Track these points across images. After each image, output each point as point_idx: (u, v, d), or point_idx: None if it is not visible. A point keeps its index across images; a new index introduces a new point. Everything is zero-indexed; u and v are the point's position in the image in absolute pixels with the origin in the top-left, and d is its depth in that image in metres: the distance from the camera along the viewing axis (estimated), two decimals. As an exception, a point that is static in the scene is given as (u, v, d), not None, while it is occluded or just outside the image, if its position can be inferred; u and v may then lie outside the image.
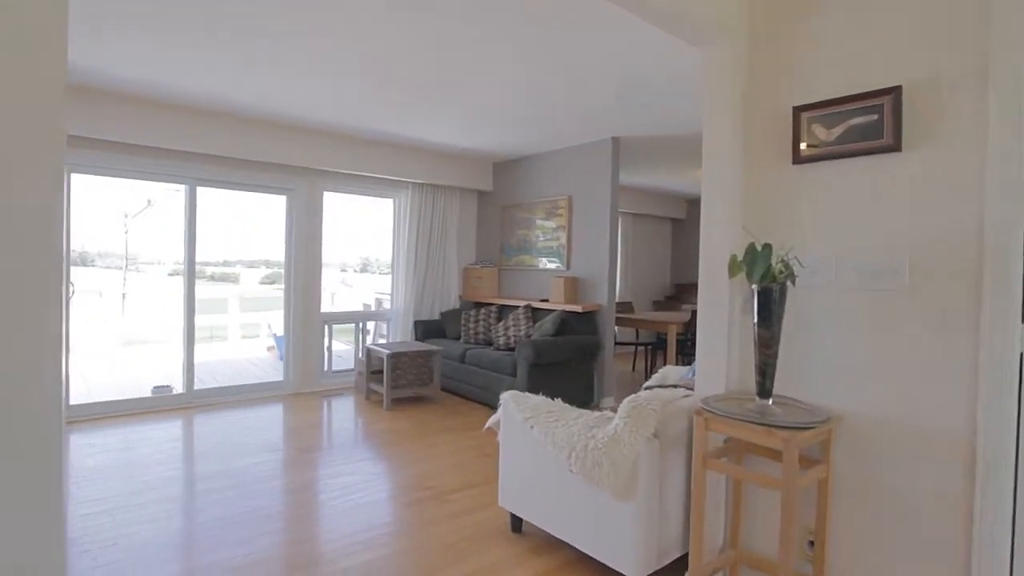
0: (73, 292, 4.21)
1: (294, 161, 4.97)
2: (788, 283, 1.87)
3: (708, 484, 2.08)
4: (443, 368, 5.35)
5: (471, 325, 5.66)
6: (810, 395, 2.02)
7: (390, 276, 6.03)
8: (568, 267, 5.43)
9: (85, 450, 3.66)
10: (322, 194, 5.37)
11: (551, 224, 5.60)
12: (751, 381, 2.04)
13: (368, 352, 5.12)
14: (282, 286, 5.41)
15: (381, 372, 5.07)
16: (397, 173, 5.58)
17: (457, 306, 6.25)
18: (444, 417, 4.65)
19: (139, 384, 5.45)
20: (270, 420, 4.48)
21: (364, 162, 5.35)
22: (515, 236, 6.04)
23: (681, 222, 9.05)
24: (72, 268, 4.22)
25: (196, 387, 4.83)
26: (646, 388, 2.60)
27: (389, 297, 6.07)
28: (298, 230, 5.26)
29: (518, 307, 5.47)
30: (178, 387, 4.81)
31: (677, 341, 5.60)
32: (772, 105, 2.12)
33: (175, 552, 2.42)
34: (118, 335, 7.04)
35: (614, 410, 2.41)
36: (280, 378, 5.34)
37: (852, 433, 1.91)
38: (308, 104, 4.23)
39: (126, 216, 6.49)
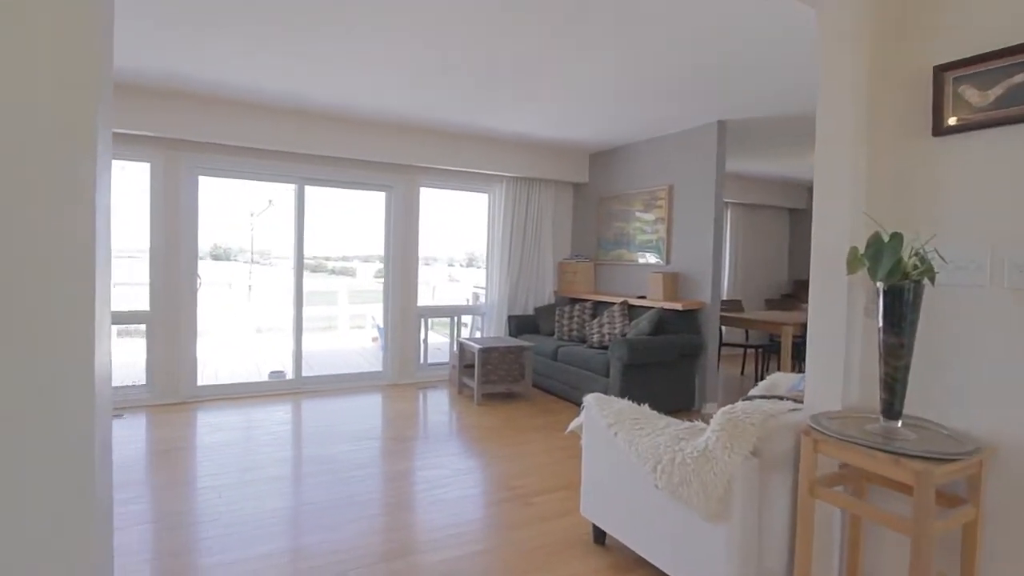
0: (200, 285, 4.65)
1: (391, 158, 5.12)
2: (924, 281, 1.54)
3: (817, 517, 1.79)
4: (535, 365, 5.26)
5: (565, 321, 5.52)
6: (952, 418, 1.66)
7: (484, 270, 6.05)
8: (668, 262, 5.10)
9: (206, 428, 4.02)
10: (419, 190, 5.50)
11: (650, 216, 5.30)
12: (874, 397, 1.72)
13: (460, 346, 5.17)
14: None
15: (473, 366, 5.09)
16: (492, 167, 5.57)
17: (551, 302, 6.13)
18: (534, 415, 4.56)
19: (259, 369, 5.94)
20: (368, 409, 4.66)
21: (459, 157, 5.39)
22: (612, 229, 5.80)
23: (800, 212, 8.23)
24: (201, 263, 4.67)
25: (304, 374, 5.15)
26: (745, 399, 2.32)
27: (484, 291, 6.09)
28: (396, 225, 5.43)
29: (614, 304, 5.24)
30: (290, 373, 5.16)
31: (793, 344, 5.06)
32: (905, 67, 1.76)
33: (270, 532, 2.54)
34: (244, 323, 7.77)
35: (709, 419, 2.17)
36: (380, 368, 5.55)
37: (1011, 468, 1.54)
38: (404, 102, 4.31)
39: (251, 215, 7.12)
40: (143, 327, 4.50)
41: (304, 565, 2.29)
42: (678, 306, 4.66)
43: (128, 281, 4.94)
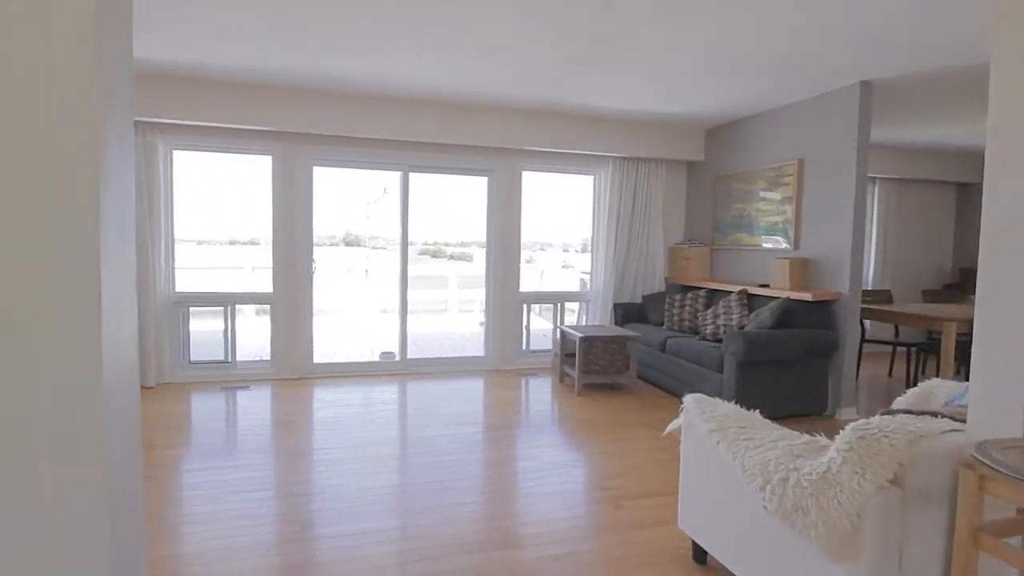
0: (315, 269, 4.93)
1: (493, 142, 5.04)
2: None
3: (982, 572, 1.39)
4: (641, 356, 4.95)
5: (675, 311, 5.13)
6: None
7: (578, 256, 5.80)
8: (796, 246, 4.52)
9: (318, 404, 4.26)
10: (520, 174, 5.37)
11: (775, 195, 4.72)
12: (1074, 425, 1.29)
13: (562, 334, 5.00)
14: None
15: (574, 355, 4.91)
16: (597, 148, 5.29)
17: (661, 289, 5.74)
18: (637, 409, 4.28)
19: (373, 349, 6.24)
20: (468, 393, 4.66)
21: (562, 138, 5.17)
22: (731, 211, 5.26)
23: (970, 188, 6.95)
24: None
25: (414, 355, 5.29)
26: (886, 413, 1.90)
27: (590, 277, 5.86)
28: (497, 210, 5.35)
29: (731, 292, 4.76)
30: (397, 355, 5.33)
31: (957, 344, 4.24)
32: None
33: (368, 510, 2.58)
34: (362, 306, 8.22)
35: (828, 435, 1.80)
36: (482, 353, 5.56)
37: None
38: (505, 82, 4.19)
39: (367, 203, 7.49)
40: (268, 308, 4.87)
41: (394, 548, 2.28)
42: (807, 296, 4.10)
43: (259, 266, 5.37)
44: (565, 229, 6.71)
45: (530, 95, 4.54)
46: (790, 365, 4.01)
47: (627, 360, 4.70)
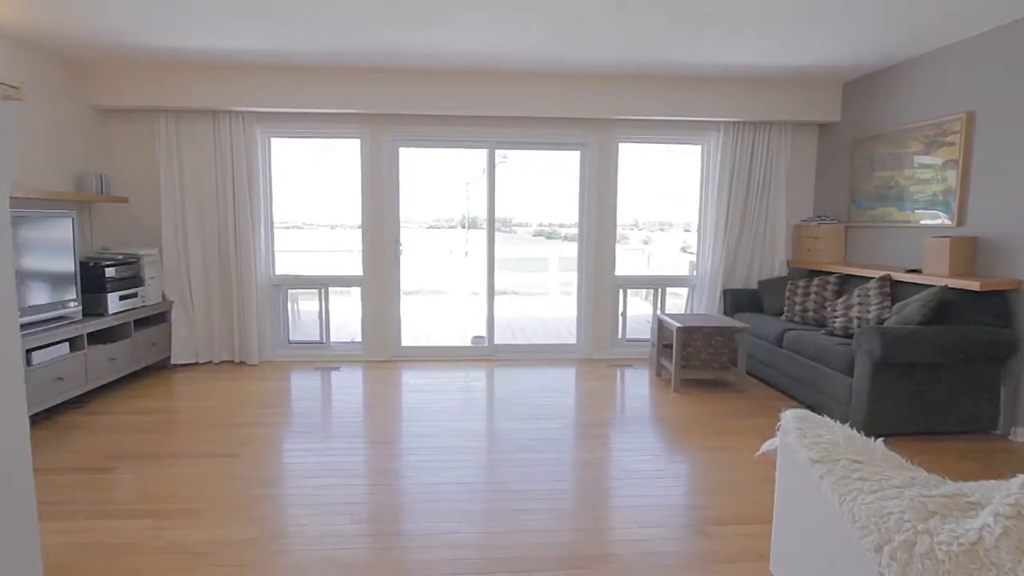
0: (401, 251, 4.90)
1: (587, 113, 4.63)
2: None
3: None
4: (753, 349, 4.32)
5: (798, 299, 4.41)
6: None
7: (695, 236, 5.20)
8: (960, 222, 3.62)
9: (401, 388, 4.23)
10: (617, 146, 4.90)
11: (934, 160, 3.82)
12: None
13: (659, 323, 4.52)
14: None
15: (672, 346, 4.42)
16: (706, 112, 4.66)
17: (782, 274, 4.99)
18: (743, 413, 3.72)
19: (465, 332, 6.17)
20: (556, 383, 4.38)
21: (665, 103, 4.62)
22: (873, 180, 4.38)
23: None
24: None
25: (505, 340, 5.12)
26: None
27: (695, 260, 5.26)
28: (591, 187, 4.95)
29: (870, 279, 3.96)
30: (485, 340, 5.18)
31: None
32: None
33: (422, 508, 2.42)
34: (458, 288, 8.20)
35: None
36: (573, 341, 5.23)
37: None
38: (596, 45, 3.77)
39: (467, 184, 7.42)
40: (359, 290, 4.95)
41: (443, 555, 2.09)
42: (973, 285, 3.25)
43: (352, 249, 5.49)
44: (668, 207, 6.11)
45: (626, 57, 4.06)
46: (945, 370, 3.22)
47: (733, 354, 4.12)
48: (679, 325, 4.07)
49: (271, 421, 3.48)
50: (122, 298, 3.93)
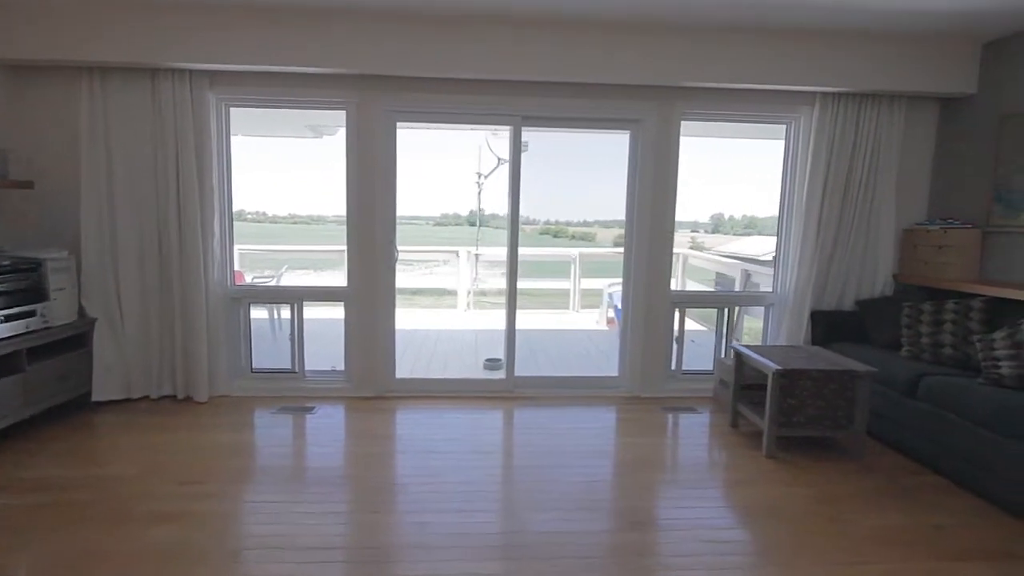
0: (397, 257, 3.80)
1: (641, 79, 3.52)
2: None
3: None
4: (873, 400, 3.20)
5: (924, 328, 3.30)
6: None
7: (774, 241, 4.08)
8: None
9: (396, 442, 3.14)
10: (679, 124, 3.77)
11: None
12: None
13: (737, 356, 3.40)
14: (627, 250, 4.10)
15: (755, 389, 3.32)
16: (792, 79, 3.55)
17: (886, 292, 3.87)
18: (876, 498, 2.61)
19: (477, 355, 5.08)
20: (591, 438, 3.26)
21: (741, 66, 3.51)
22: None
23: None
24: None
25: (519, 373, 4.01)
26: None
27: (770, 274, 4.15)
28: (644, 176, 3.83)
29: (1039, 305, 2.84)
30: (503, 369, 4.07)
31: None
32: None
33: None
34: (466, 297, 7.01)
35: None
36: (614, 373, 4.12)
37: None
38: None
39: (480, 176, 6.34)
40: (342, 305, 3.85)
41: None
42: None
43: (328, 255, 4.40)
44: (736, 203, 5.00)
45: (688, 3, 2.96)
46: None
47: (851, 408, 3.00)
48: (778, 367, 2.96)
49: (207, 512, 2.39)
50: (7, 319, 2.84)
